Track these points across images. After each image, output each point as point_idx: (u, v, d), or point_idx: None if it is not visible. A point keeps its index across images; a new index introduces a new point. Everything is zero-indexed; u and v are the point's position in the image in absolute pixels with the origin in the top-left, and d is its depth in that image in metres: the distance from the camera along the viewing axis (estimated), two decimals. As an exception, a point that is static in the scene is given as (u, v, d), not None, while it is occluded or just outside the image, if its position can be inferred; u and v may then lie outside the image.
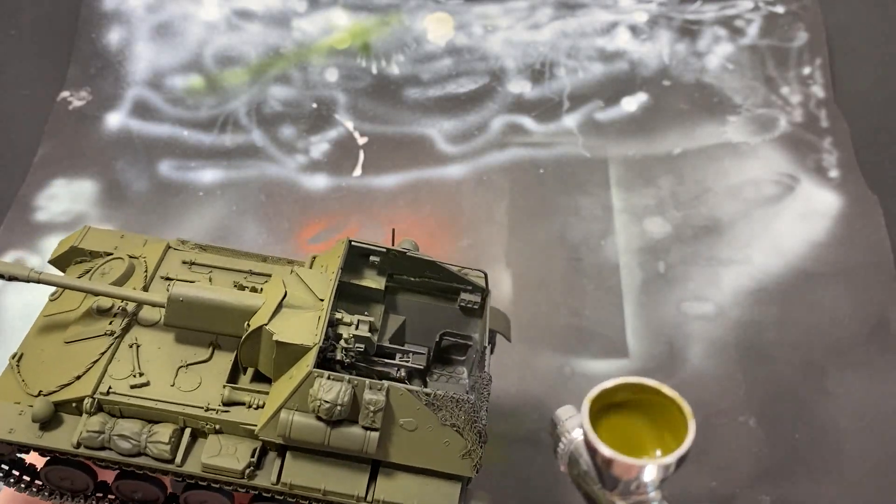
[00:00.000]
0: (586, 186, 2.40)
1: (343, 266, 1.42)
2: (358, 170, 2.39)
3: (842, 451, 1.93)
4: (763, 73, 2.65)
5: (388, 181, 2.38)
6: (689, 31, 2.73)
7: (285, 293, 1.34)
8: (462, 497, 1.33)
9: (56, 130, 2.39)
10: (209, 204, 2.29)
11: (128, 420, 1.32)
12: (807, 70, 2.66)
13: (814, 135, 2.52)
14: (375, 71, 2.60)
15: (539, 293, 2.18)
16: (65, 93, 2.47)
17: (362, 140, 2.46)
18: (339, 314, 1.36)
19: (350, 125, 2.49)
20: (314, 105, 2.52)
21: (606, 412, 0.79)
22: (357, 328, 1.35)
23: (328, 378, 1.22)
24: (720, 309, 2.17)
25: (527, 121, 2.53)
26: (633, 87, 2.62)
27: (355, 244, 1.47)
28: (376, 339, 1.40)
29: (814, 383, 2.05)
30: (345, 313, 1.37)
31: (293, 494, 1.32)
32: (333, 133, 2.47)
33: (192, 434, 1.33)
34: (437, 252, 1.71)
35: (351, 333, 1.34)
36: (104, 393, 1.32)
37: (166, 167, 2.35)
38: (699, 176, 2.43)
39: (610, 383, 0.77)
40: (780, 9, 2.78)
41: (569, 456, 0.86)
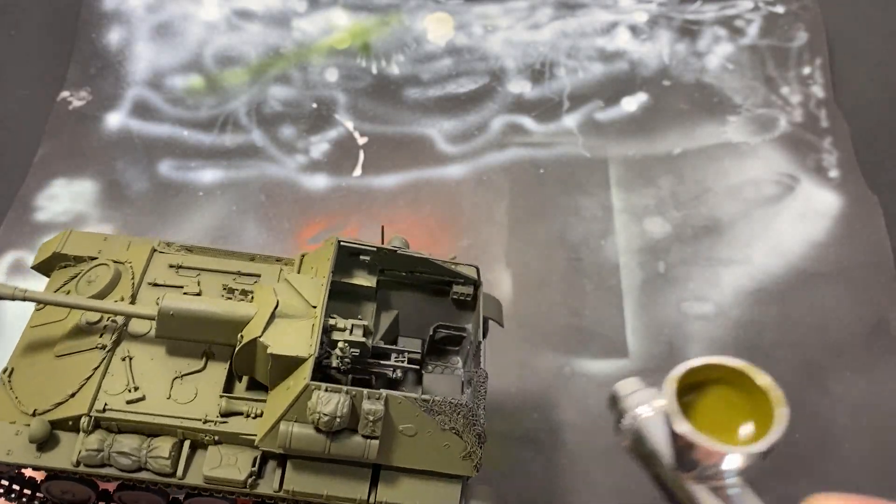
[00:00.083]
0: (586, 186, 2.40)
1: (333, 268, 1.41)
2: (358, 170, 2.39)
3: (841, 451, 1.93)
4: (763, 73, 2.65)
5: (388, 181, 2.38)
6: (689, 31, 2.73)
7: (277, 302, 1.32)
8: (463, 495, 1.33)
9: (56, 130, 2.39)
10: (209, 204, 2.29)
11: (126, 435, 1.31)
12: (807, 70, 2.66)
13: (814, 135, 2.52)
14: (375, 71, 2.60)
15: (539, 293, 2.18)
16: (65, 93, 2.47)
17: (362, 140, 2.46)
18: (333, 320, 1.35)
19: (350, 125, 2.49)
20: (314, 105, 2.52)
21: (690, 392, 0.76)
22: (351, 333, 1.35)
23: (326, 390, 1.22)
24: (720, 309, 2.17)
25: (527, 121, 2.53)
26: (633, 87, 2.62)
27: (344, 244, 1.46)
28: (371, 343, 1.39)
29: (814, 383, 2.05)
30: (338, 318, 1.37)
31: (295, 501, 1.32)
32: (333, 133, 2.47)
33: (192, 446, 1.32)
34: (438, 252, 1.71)
35: (346, 339, 1.33)
36: (100, 410, 1.30)
37: (166, 167, 2.35)
38: (699, 176, 2.43)
39: (697, 362, 0.75)
40: (780, 9, 2.78)
41: (634, 433, 0.83)
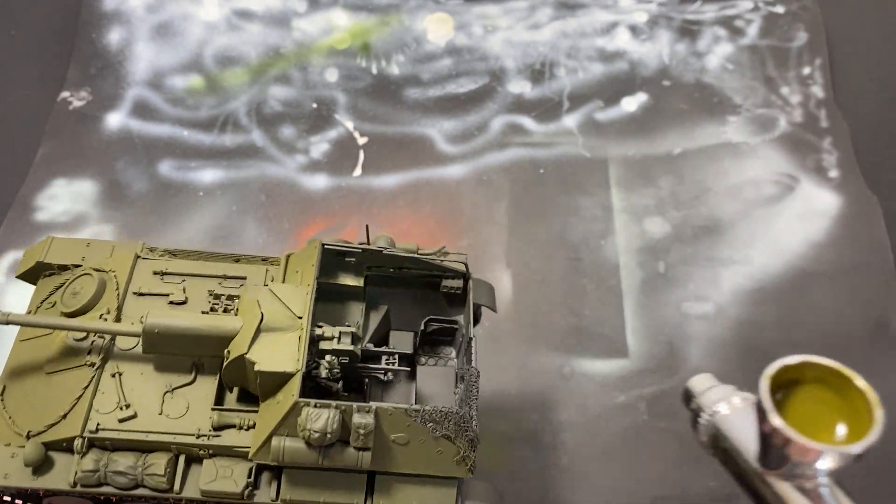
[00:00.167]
0: (586, 186, 2.40)
1: (318, 273, 1.40)
2: (358, 170, 2.40)
3: (842, 451, 1.94)
4: (763, 73, 2.65)
5: (388, 181, 2.38)
6: (689, 31, 2.73)
7: (262, 316, 1.32)
8: (459, 494, 1.34)
9: (56, 130, 2.39)
10: (209, 204, 2.29)
11: (121, 453, 1.31)
12: (807, 70, 2.66)
13: (814, 135, 2.53)
14: (375, 71, 2.61)
15: (539, 293, 2.19)
16: (65, 93, 2.47)
17: (362, 140, 2.46)
18: (320, 329, 1.35)
19: (350, 125, 2.49)
20: (314, 105, 2.52)
21: (779, 391, 0.75)
22: (339, 341, 1.34)
23: (315, 406, 1.22)
24: (720, 309, 2.17)
25: (527, 121, 2.53)
26: (633, 87, 2.62)
27: (328, 247, 1.45)
28: (361, 348, 1.38)
29: (814, 383, 2.05)
30: (326, 326, 1.36)
31: None
32: (333, 133, 2.47)
33: (187, 460, 1.33)
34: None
35: (333, 348, 1.33)
36: (93, 431, 1.31)
37: (166, 167, 2.35)
38: (699, 176, 2.43)
39: (792, 360, 0.75)
40: (780, 9, 2.78)
41: (711, 430, 0.83)
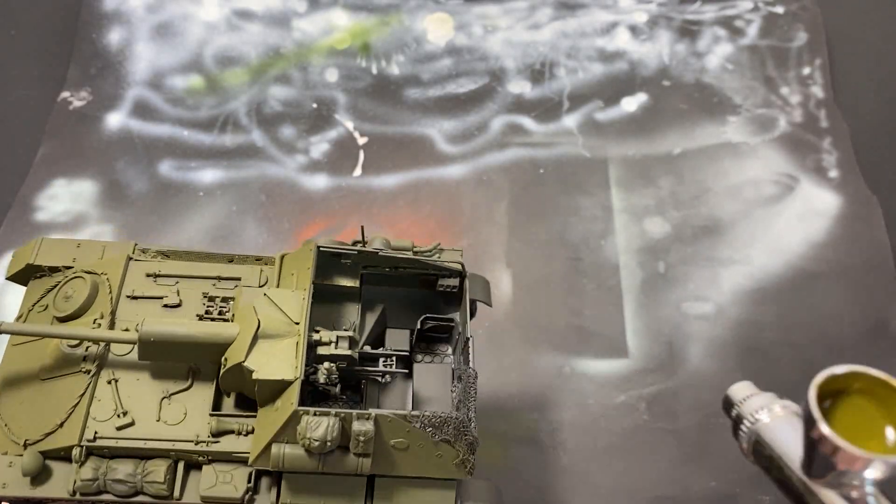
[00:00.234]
0: (586, 186, 2.40)
1: (314, 277, 1.39)
2: (358, 170, 2.40)
3: (842, 451, 1.94)
4: (763, 74, 2.65)
5: (388, 181, 2.38)
6: (689, 32, 2.73)
7: (259, 323, 1.31)
8: (459, 496, 1.33)
9: (56, 130, 2.39)
10: (209, 204, 2.29)
11: (120, 461, 1.30)
12: (806, 70, 2.66)
13: (813, 135, 2.53)
14: (375, 71, 2.61)
15: (539, 293, 2.19)
16: (65, 93, 2.47)
17: (362, 140, 2.46)
18: (317, 334, 1.34)
19: (350, 125, 2.49)
20: (314, 105, 2.52)
21: (826, 400, 0.75)
22: (337, 346, 1.34)
23: (314, 414, 1.21)
24: (720, 309, 2.17)
25: (527, 121, 2.53)
26: (633, 87, 2.62)
27: (324, 249, 1.43)
28: (358, 352, 1.38)
29: (814, 383, 2.05)
30: (323, 331, 1.35)
31: None
32: (333, 133, 2.47)
33: (186, 466, 1.32)
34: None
35: (331, 353, 1.32)
36: (91, 440, 1.29)
37: (166, 167, 2.35)
38: (699, 176, 2.43)
39: (839, 369, 0.74)
40: (780, 9, 2.78)
41: (753, 438, 0.83)
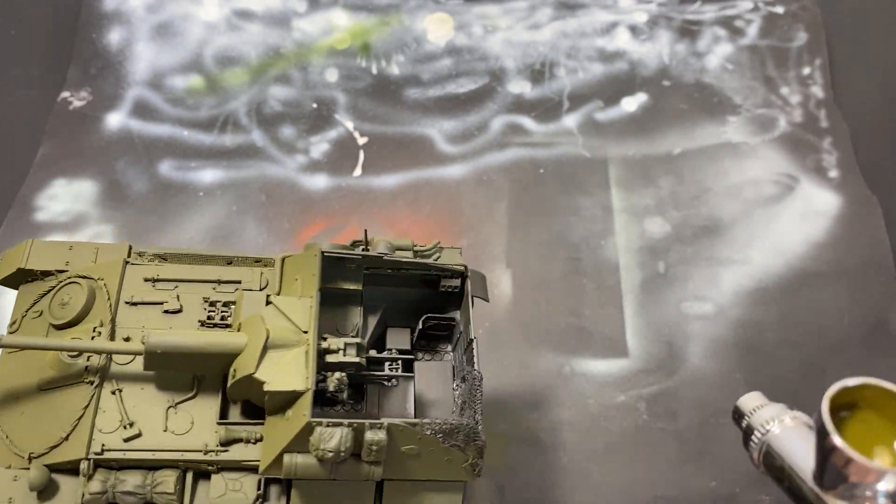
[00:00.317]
0: (586, 186, 2.40)
1: (319, 284, 1.38)
2: (358, 170, 2.40)
3: (842, 451, 1.93)
4: (763, 74, 2.65)
5: (388, 181, 2.38)
6: (689, 32, 2.73)
7: (267, 333, 1.30)
8: (465, 497, 1.35)
9: (56, 130, 2.39)
10: (209, 204, 2.29)
11: (129, 473, 1.28)
12: (806, 70, 2.66)
13: (813, 135, 2.53)
14: (375, 71, 2.61)
15: (539, 293, 2.19)
16: (65, 93, 2.47)
17: (362, 140, 2.46)
18: (325, 342, 1.34)
19: (350, 125, 2.49)
20: (314, 105, 2.52)
21: (835, 411, 0.75)
22: (345, 353, 1.33)
23: (327, 425, 1.21)
24: (720, 309, 2.17)
25: (527, 121, 2.53)
26: (633, 87, 2.62)
27: (328, 254, 1.42)
28: (365, 358, 1.38)
29: (814, 383, 2.05)
30: (331, 338, 1.35)
31: None
32: (333, 133, 2.47)
33: (194, 476, 1.31)
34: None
35: (340, 360, 1.32)
36: (98, 452, 1.28)
37: (166, 167, 2.35)
38: (699, 176, 2.43)
39: (852, 381, 0.75)
40: (780, 9, 2.78)
41: (764, 448, 0.83)
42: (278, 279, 1.47)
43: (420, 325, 1.51)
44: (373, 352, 1.45)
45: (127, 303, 1.44)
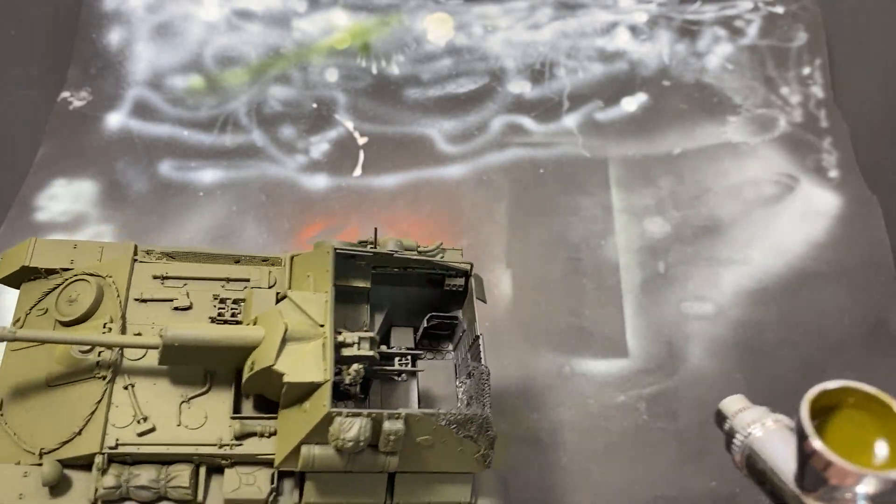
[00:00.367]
0: (586, 186, 2.40)
1: (333, 280, 1.39)
2: (358, 170, 2.40)
3: (842, 451, 1.94)
4: (763, 74, 2.65)
5: (388, 181, 2.38)
6: (689, 32, 2.73)
7: (286, 326, 1.31)
8: (473, 490, 1.37)
9: (56, 131, 2.39)
10: (209, 204, 2.29)
11: (142, 467, 1.28)
12: (807, 70, 2.66)
13: (813, 135, 2.53)
14: (375, 71, 2.61)
15: (539, 293, 2.19)
16: (65, 93, 2.47)
17: (362, 140, 2.46)
18: (340, 336, 1.35)
19: (350, 125, 2.49)
20: (314, 105, 2.52)
21: (815, 414, 0.76)
22: (359, 347, 1.35)
23: (346, 416, 1.22)
24: (720, 309, 2.18)
25: (527, 121, 2.53)
26: (633, 87, 2.62)
27: (340, 251, 1.44)
28: (379, 353, 1.40)
29: (814, 383, 2.05)
30: (346, 333, 1.36)
31: None
32: (333, 133, 2.47)
33: (207, 470, 1.31)
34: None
35: (358, 354, 1.33)
36: (112, 447, 1.27)
37: (166, 167, 2.35)
38: (699, 176, 2.43)
39: (832, 384, 0.75)
40: (780, 9, 2.78)
41: (746, 451, 0.84)
42: (288, 277, 1.48)
43: (424, 324, 1.53)
44: (383, 347, 1.47)
45: (136, 300, 1.44)
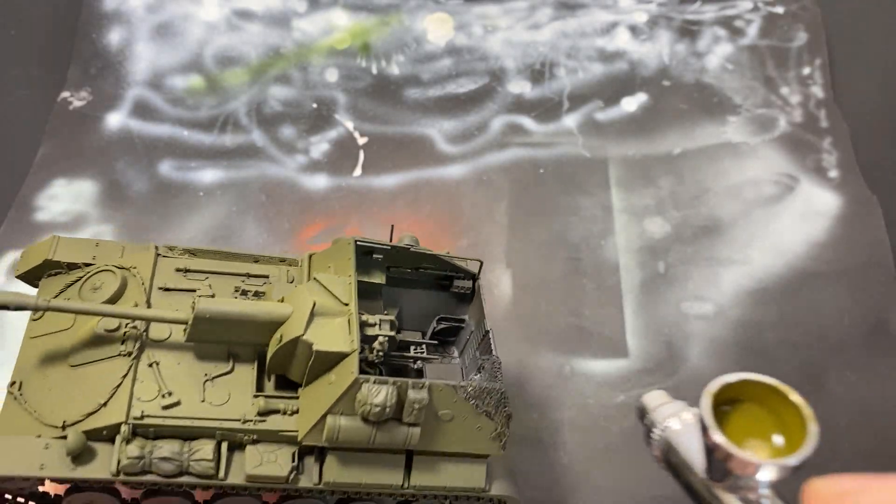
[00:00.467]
0: (586, 186, 2.40)
1: (356, 266, 1.46)
2: (358, 170, 2.40)
3: (840, 451, 1.94)
4: (763, 74, 2.65)
5: (388, 181, 2.38)
6: (689, 32, 2.73)
7: (314, 302, 1.36)
8: (489, 475, 1.41)
9: (56, 131, 2.39)
10: (209, 204, 2.29)
11: (166, 441, 1.30)
12: (806, 70, 2.66)
13: (813, 135, 2.53)
14: (375, 71, 2.60)
15: (539, 293, 2.18)
16: (65, 93, 2.47)
17: (362, 140, 2.46)
18: (364, 316, 1.41)
19: (350, 125, 2.49)
20: (314, 105, 2.52)
21: (720, 406, 0.78)
22: (380, 328, 1.41)
23: (374, 382, 1.26)
24: (720, 309, 2.17)
25: (527, 121, 2.53)
26: (633, 87, 2.62)
27: (360, 243, 1.50)
28: (399, 337, 1.47)
29: (813, 383, 2.05)
30: (367, 314, 1.42)
31: (334, 492, 1.36)
32: (333, 133, 2.47)
33: (229, 447, 1.34)
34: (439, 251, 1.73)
35: (380, 334, 1.39)
36: (138, 417, 1.29)
37: (166, 167, 2.35)
38: (699, 176, 2.43)
39: (732, 377, 0.77)
40: (780, 9, 2.78)
41: (663, 444, 0.85)
42: (306, 274, 1.54)
43: (434, 325, 1.61)
44: (400, 335, 1.55)
45: (160, 288, 1.48)
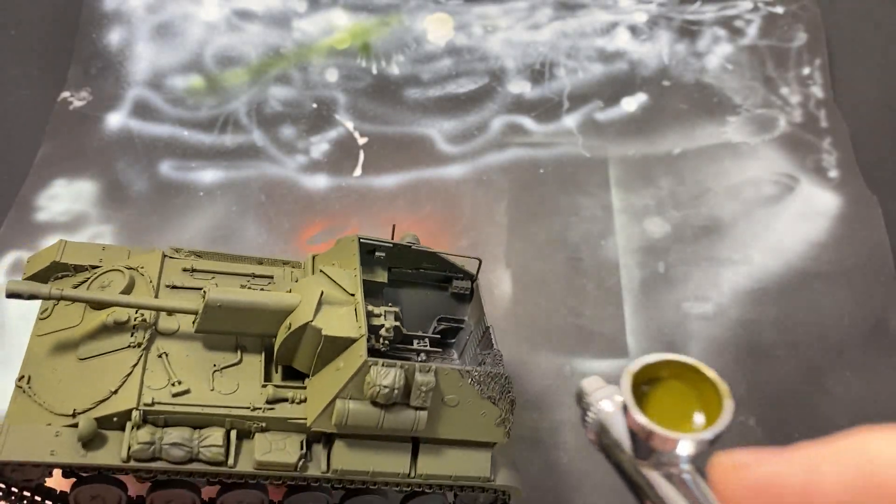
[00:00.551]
0: (586, 186, 2.40)
1: (360, 261, 1.50)
2: (358, 170, 2.40)
3: (841, 451, 1.94)
4: (762, 74, 2.65)
5: (388, 181, 2.38)
6: (689, 32, 2.73)
7: (322, 291, 1.39)
8: (493, 464, 1.44)
9: (57, 131, 2.39)
10: (209, 204, 2.29)
11: (176, 428, 1.32)
12: (806, 70, 2.66)
13: (813, 135, 2.53)
14: (375, 71, 2.61)
15: (539, 293, 2.19)
16: (65, 93, 2.47)
17: (362, 140, 2.46)
18: (369, 307, 1.44)
19: (350, 125, 2.49)
20: (314, 105, 2.52)
21: (644, 385, 0.82)
22: (385, 319, 1.45)
23: (383, 365, 1.29)
24: (720, 309, 2.17)
25: (527, 121, 2.53)
26: (633, 88, 2.62)
27: (364, 241, 1.54)
28: (403, 328, 1.50)
29: (813, 383, 2.05)
30: (372, 305, 1.46)
31: (341, 481, 1.38)
32: (333, 133, 2.47)
33: (238, 435, 1.36)
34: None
35: (386, 323, 1.44)
36: (149, 404, 1.31)
37: (167, 167, 2.35)
38: (699, 176, 2.43)
39: (652, 358, 0.81)
40: (780, 9, 2.78)
41: (597, 426, 0.89)
42: (310, 272, 1.57)
43: (435, 325, 1.65)
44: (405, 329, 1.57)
45: (167, 286, 1.51)
